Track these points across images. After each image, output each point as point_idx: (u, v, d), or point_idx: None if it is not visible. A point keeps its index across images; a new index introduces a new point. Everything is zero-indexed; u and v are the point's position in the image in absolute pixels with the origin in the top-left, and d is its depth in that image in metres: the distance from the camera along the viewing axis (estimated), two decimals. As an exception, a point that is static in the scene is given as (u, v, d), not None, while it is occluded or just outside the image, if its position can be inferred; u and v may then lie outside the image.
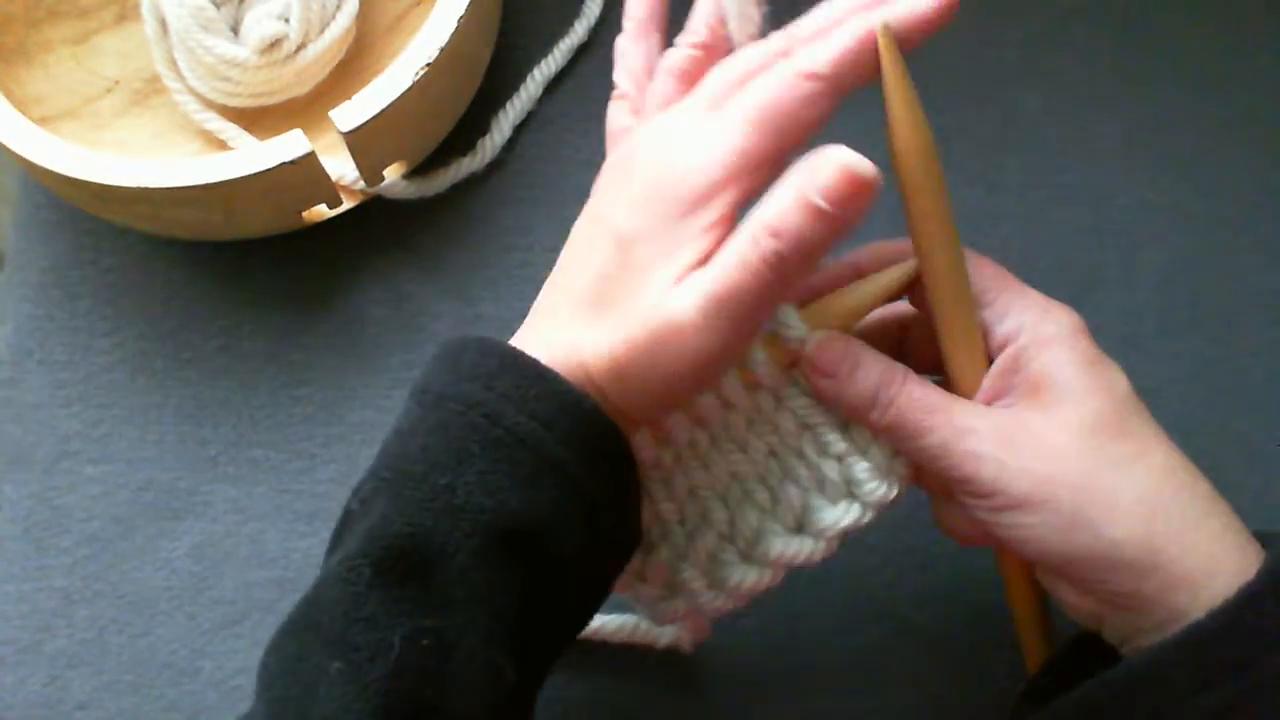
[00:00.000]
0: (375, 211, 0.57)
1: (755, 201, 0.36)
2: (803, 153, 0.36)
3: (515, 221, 0.58)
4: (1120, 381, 0.38)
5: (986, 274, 0.40)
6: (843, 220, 0.34)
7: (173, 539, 0.53)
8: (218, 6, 0.56)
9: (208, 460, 0.54)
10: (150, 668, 0.51)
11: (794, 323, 0.39)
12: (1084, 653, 0.40)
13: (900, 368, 0.38)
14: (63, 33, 0.60)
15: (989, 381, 0.39)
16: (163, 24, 0.57)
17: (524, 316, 0.57)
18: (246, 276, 0.58)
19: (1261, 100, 0.60)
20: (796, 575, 0.41)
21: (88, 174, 0.50)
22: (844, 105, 0.39)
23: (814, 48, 0.36)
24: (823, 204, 0.34)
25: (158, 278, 0.58)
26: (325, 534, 0.53)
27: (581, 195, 0.58)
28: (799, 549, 0.40)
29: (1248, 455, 0.53)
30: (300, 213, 0.55)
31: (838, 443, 0.40)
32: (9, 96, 0.53)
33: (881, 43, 0.36)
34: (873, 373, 0.38)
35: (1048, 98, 0.60)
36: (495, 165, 0.59)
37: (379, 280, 0.57)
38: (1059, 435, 0.36)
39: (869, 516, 0.39)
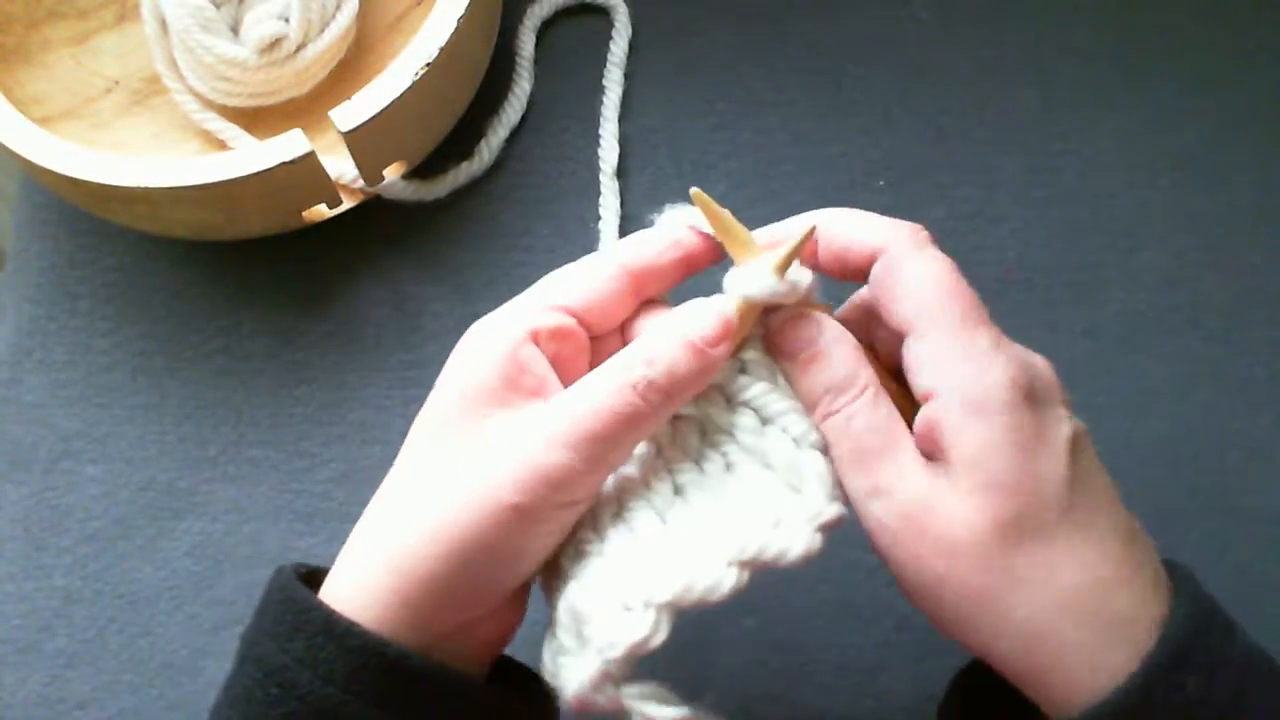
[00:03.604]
0: (375, 211, 0.57)
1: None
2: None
3: (515, 221, 0.59)
4: (1051, 472, 0.33)
5: (924, 295, 0.35)
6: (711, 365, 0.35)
7: (173, 539, 0.53)
8: (218, 6, 0.56)
9: (208, 460, 0.54)
10: (150, 668, 0.51)
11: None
12: None
13: (861, 378, 0.35)
14: (63, 33, 0.60)
15: (916, 435, 0.35)
16: (163, 24, 0.57)
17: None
18: (246, 276, 0.58)
19: (1261, 100, 0.60)
20: (797, 574, 0.41)
21: (88, 174, 0.50)
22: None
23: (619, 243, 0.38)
24: (704, 351, 0.35)
25: (158, 278, 0.58)
26: (325, 534, 0.53)
27: (581, 195, 0.59)
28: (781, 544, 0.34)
29: (1248, 455, 0.53)
30: (300, 213, 0.55)
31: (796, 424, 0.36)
32: (9, 96, 0.53)
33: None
34: (825, 375, 0.35)
35: (1048, 97, 0.60)
36: (495, 165, 0.59)
37: (379, 280, 0.57)
38: (964, 531, 0.33)
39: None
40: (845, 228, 0.37)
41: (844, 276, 0.37)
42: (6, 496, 0.54)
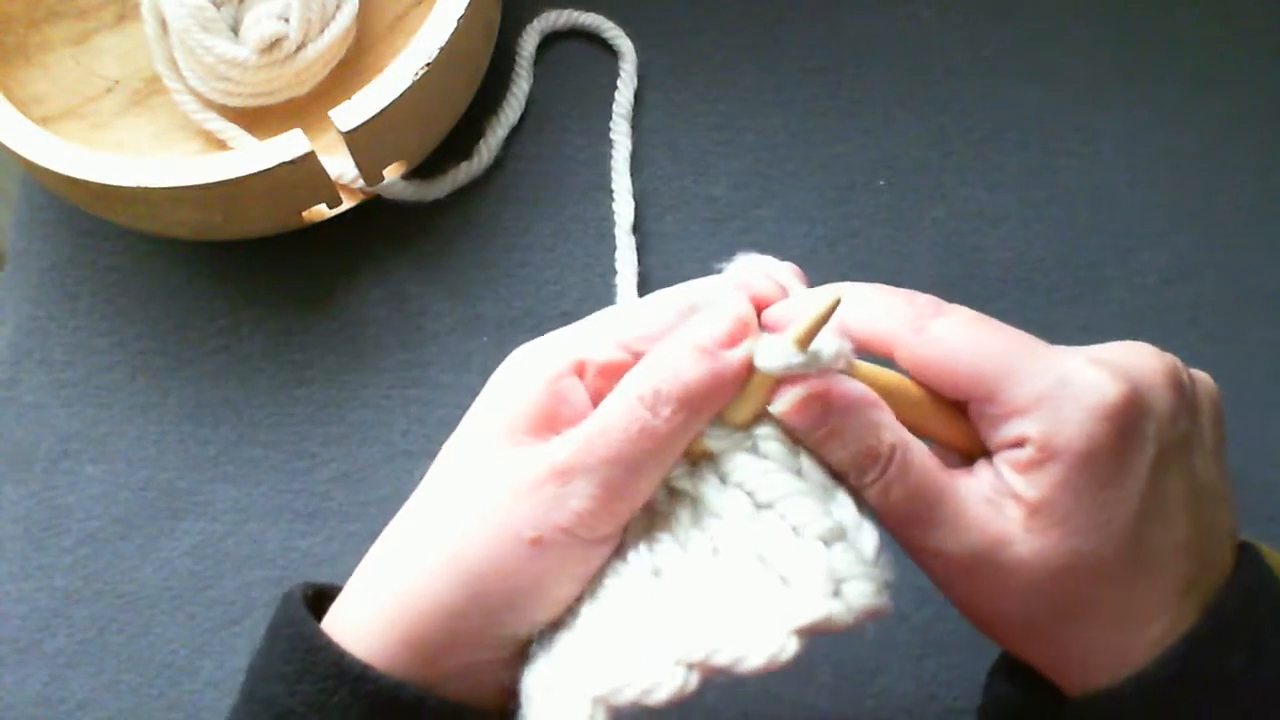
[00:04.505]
0: (375, 211, 0.57)
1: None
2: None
3: (515, 221, 0.59)
4: (1122, 507, 0.32)
5: (962, 374, 0.33)
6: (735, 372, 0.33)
7: (173, 539, 0.53)
8: (218, 6, 0.56)
9: (208, 460, 0.54)
10: (150, 668, 0.51)
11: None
12: None
13: (884, 447, 0.33)
14: (63, 33, 0.60)
15: (997, 477, 0.34)
16: (163, 24, 0.57)
17: (524, 316, 0.58)
18: (246, 276, 0.58)
19: (1261, 100, 0.60)
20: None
21: (88, 174, 0.50)
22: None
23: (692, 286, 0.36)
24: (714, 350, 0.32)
25: (158, 278, 0.58)
26: (325, 534, 0.53)
27: (581, 195, 0.59)
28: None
29: (1248, 455, 0.53)
30: (300, 213, 0.55)
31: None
32: (9, 96, 0.53)
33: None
34: (844, 453, 0.33)
35: (1048, 97, 0.60)
36: (495, 165, 0.59)
37: (379, 280, 0.57)
38: (1029, 573, 0.33)
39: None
40: (855, 320, 0.35)
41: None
42: (6, 496, 0.54)
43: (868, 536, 0.32)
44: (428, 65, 0.52)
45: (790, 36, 0.62)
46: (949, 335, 0.34)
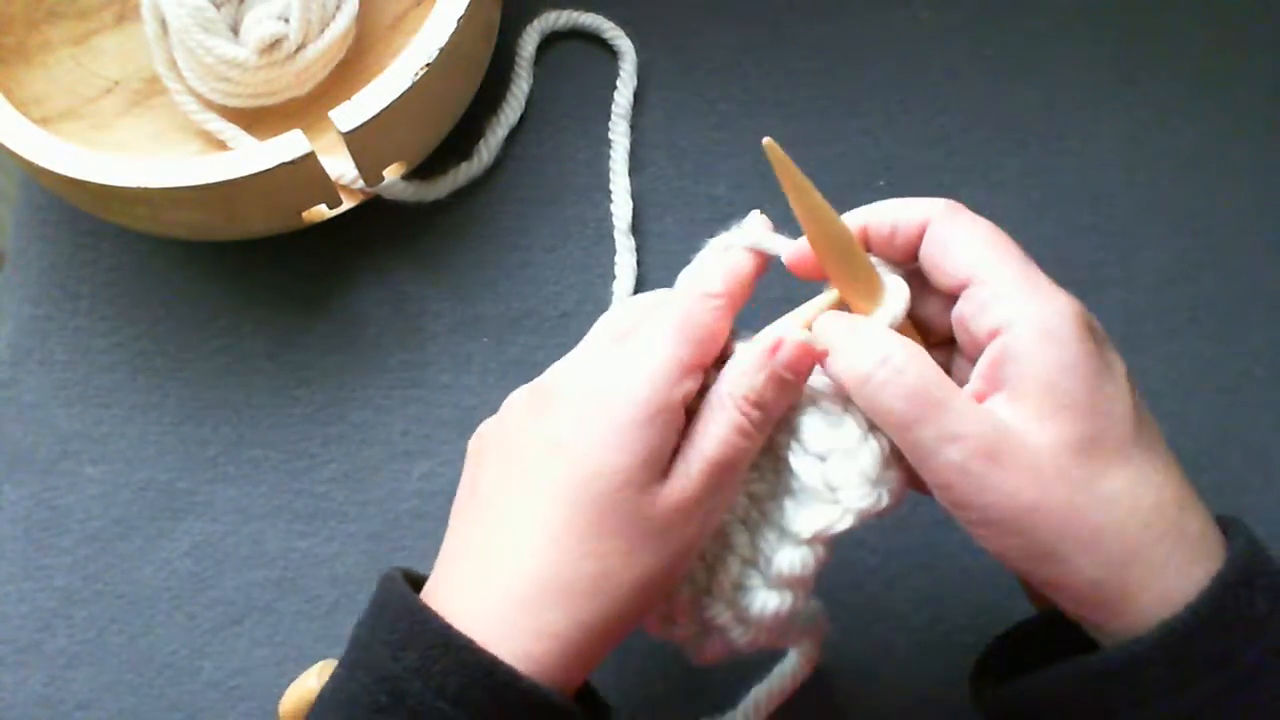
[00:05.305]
0: (375, 211, 0.57)
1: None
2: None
3: (515, 221, 0.59)
4: (1119, 398, 0.35)
5: (978, 247, 0.37)
6: (799, 385, 0.38)
7: (173, 539, 0.53)
8: (218, 6, 0.56)
9: (208, 460, 0.54)
10: (150, 668, 0.51)
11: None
12: (1045, 627, 0.39)
13: (896, 344, 0.36)
14: (63, 33, 0.60)
15: (981, 373, 0.36)
16: (163, 24, 0.57)
17: (524, 316, 0.58)
18: (246, 276, 0.58)
19: (1261, 100, 0.60)
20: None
21: (88, 174, 0.50)
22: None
23: (707, 272, 0.40)
24: (788, 376, 0.37)
25: (158, 278, 0.58)
26: (325, 534, 0.53)
27: (581, 195, 0.59)
28: (792, 560, 0.38)
29: (1248, 455, 0.53)
30: (300, 213, 0.55)
31: (818, 441, 0.38)
32: (9, 96, 0.53)
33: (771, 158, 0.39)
34: (865, 347, 0.36)
35: (1048, 97, 0.60)
36: (495, 165, 0.59)
37: (379, 280, 0.57)
38: (1046, 456, 0.34)
39: (848, 521, 0.37)
40: (888, 212, 0.39)
41: (893, 257, 0.39)
42: (6, 496, 0.54)
43: (868, 451, 0.37)
44: (428, 65, 0.52)
45: (790, 36, 0.62)
46: (981, 221, 0.38)
